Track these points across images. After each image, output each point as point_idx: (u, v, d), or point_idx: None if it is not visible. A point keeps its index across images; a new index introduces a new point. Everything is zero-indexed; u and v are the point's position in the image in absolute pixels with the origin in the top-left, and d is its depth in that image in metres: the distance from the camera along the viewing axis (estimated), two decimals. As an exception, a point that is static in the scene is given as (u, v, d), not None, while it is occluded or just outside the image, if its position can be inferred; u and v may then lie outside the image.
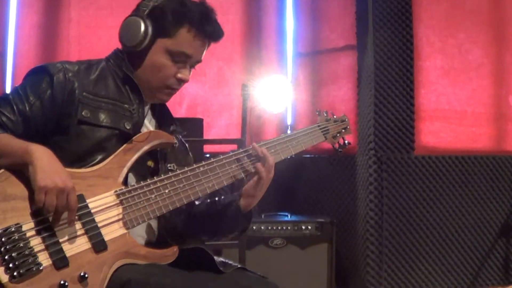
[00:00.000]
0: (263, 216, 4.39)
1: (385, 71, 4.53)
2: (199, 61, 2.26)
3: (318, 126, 2.59)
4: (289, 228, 4.25)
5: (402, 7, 4.57)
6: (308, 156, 5.04)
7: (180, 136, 2.42)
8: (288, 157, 2.39)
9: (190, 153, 2.44)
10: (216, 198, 2.36)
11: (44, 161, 1.85)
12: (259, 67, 4.84)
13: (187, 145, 2.45)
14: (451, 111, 4.81)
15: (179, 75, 2.19)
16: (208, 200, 2.37)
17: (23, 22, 4.45)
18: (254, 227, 4.20)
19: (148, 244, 2.16)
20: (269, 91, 4.25)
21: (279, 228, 4.24)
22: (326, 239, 4.29)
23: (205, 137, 4.45)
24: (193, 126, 4.29)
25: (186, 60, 2.19)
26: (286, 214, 4.49)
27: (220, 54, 4.86)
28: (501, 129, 4.99)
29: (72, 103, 2.05)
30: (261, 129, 4.87)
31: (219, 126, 4.80)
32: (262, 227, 4.23)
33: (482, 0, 4.95)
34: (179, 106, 4.74)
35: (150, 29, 2.12)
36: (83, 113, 2.05)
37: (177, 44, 2.14)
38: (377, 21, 4.54)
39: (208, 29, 2.18)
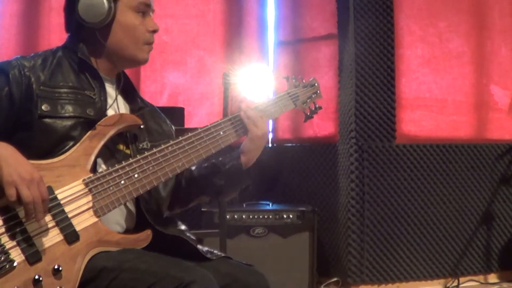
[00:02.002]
0: (244, 205, 4.38)
1: (366, 59, 4.54)
2: (153, 9, 2.26)
3: (287, 93, 2.53)
4: (270, 217, 4.24)
5: (382, -4, 4.58)
6: (289, 145, 5.05)
7: (157, 109, 2.42)
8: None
9: (169, 124, 2.43)
10: (214, 160, 2.35)
11: (7, 156, 1.82)
12: (240, 56, 4.83)
13: (164, 117, 2.43)
14: (432, 100, 4.83)
15: (151, 28, 2.20)
16: (206, 164, 2.36)
17: (4, 11, 4.41)
18: (236, 216, 4.19)
19: (126, 231, 2.14)
20: (250, 80, 4.24)
21: (261, 217, 4.23)
22: (307, 227, 4.29)
23: (186, 126, 4.43)
24: (174, 115, 4.26)
25: (147, 9, 2.21)
26: (268, 203, 4.48)
27: (201, 43, 4.84)
28: (481, 117, 5.01)
29: (30, 99, 2.02)
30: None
31: (200, 115, 4.78)
32: (244, 216, 4.21)
33: (462, -12, 4.97)
34: (160, 95, 4.72)
35: None
36: (43, 108, 2.01)
37: None
38: (358, 9, 4.54)
39: None
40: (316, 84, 2.64)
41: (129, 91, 2.32)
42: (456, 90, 4.91)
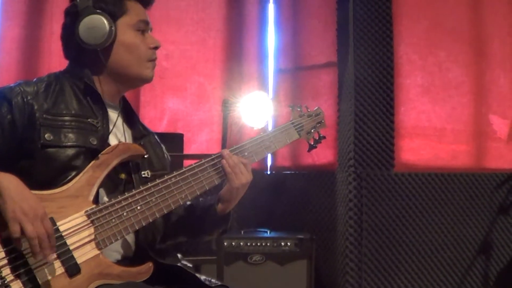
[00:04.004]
0: (242, 232, 4.38)
1: (365, 88, 4.54)
2: (151, 27, 2.28)
3: (292, 123, 2.52)
4: (268, 244, 4.24)
5: (383, 25, 4.59)
6: (288, 172, 5.05)
7: (156, 137, 2.41)
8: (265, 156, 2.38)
9: (166, 154, 2.42)
10: (194, 201, 2.33)
11: (11, 190, 1.81)
12: (240, 83, 4.84)
13: (162, 146, 2.42)
14: (431, 129, 4.83)
15: (152, 45, 2.21)
16: (187, 203, 2.33)
17: (5, 35, 4.43)
18: (233, 243, 4.19)
19: (125, 259, 2.12)
20: (249, 107, 4.24)
21: (258, 244, 4.23)
22: (305, 255, 4.28)
23: (185, 152, 4.44)
24: (173, 141, 4.28)
25: (146, 27, 2.23)
26: (266, 230, 4.48)
27: (201, 69, 4.86)
28: (480, 146, 5.01)
29: (33, 127, 2.00)
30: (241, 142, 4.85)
31: (199, 142, 4.79)
32: (241, 243, 4.21)
33: (462, 18, 4.98)
34: (160, 121, 4.73)
35: (109, 18, 2.12)
36: (45, 137, 1.99)
37: (133, 16, 2.19)
38: (358, 38, 4.56)
39: None
40: (320, 114, 2.64)
41: (130, 117, 2.31)
42: (455, 119, 4.91)
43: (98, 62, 2.15)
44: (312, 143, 2.63)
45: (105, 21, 2.10)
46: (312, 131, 2.60)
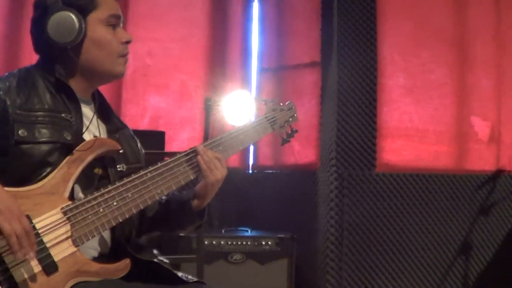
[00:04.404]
0: (223, 231, 4.37)
1: (349, 88, 4.55)
2: (123, 20, 2.25)
3: (265, 117, 2.51)
4: (249, 243, 4.24)
5: (367, 26, 4.60)
6: (270, 171, 5.05)
7: (130, 130, 2.39)
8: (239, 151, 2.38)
9: (140, 147, 2.39)
10: (169, 198, 2.33)
11: None
12: (222, 81, 4.83)
13: (137, 139, 2.40)
14: (413, 129, 4.84)
15: (123, 39, 2.17)
16: (163, 198, 2.32)
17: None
18: (214, 242, 4.18)
19: (101, 255, 2.11)
20: (232, 106, 4.24)
21: (239, 243, 4.23)
22: (286, 254, 4.29)
23: (167, 150, 4.42)
24: (155, 139, 4.27)
25: (118, 22, 2.18)
26: (247, 229, 4.47)
27: (183, 67, 4.84)
28: (462, 148, 5.03)
29: (6, 123, 1.97)
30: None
31: (181, 140, 4.77)
32: (222, 242, 4.20)
33: (446, 20, 4.99)
34: (141, 118, 4.71)
35: (78, 14, 2.07)
36: (19, 133, 1.96)
37: (104, 11, 2.13)
38: (342, 38, 4.57)
39: None
40: (293, 108, 2.64)
41: (105, 111, 2.28)
42: (437, 120, 4.92)
43: (68, 59, 2.11)
44: (285, 137, 2.63)
45: (74, 18, 2.05)
46: (285, 125, 2.60)
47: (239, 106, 4.30)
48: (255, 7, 5.14)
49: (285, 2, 5.10)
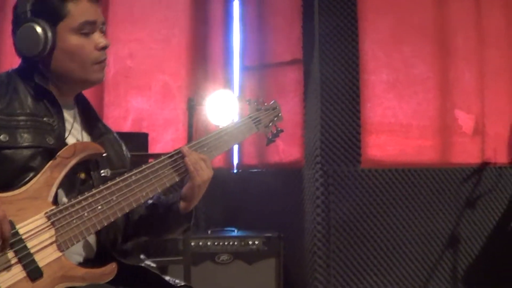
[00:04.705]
0: (209, 231, 4.36)
1: (331, 84, 4.55)
2: (104, 22, 2.17)
3: (250, 117, 2.50)
4: (236, 243, 4.23)
5: (348, 22, 4.61)
6: (255, 170, 5.04)
7: (115, 134, 2.35)
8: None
9: (125, 151, 2.36)
10: (156, 201, 2.29)
11: None
12: (205, 81, 4.82)
13: (122, 143, 2.36)
14: (397, 124, 4.85)
15: (98, 45, 2.10)
16: (149, 202, 2.29)
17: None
18: (201, 243, 4.16)
19: (87, 261, 2.09)
20: (215, 105, 4.22)
21: (226, 243, 4.21)
22: (273, 254, 4.28)
23: (150, 151, 4.40)
24: (138, 140, 4.24)
25: (93, 28, 2.10)
26: (233, 229, 4.46)
27: (166, 68, 4.82)
28: (446, 142, 5.04)
29: None
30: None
31: (165, 141, 4.76)
32: (209, 243, 4.19)
33: (427, 15, 5.00)
34: (124, 120, 4.69)
35: (45, 25, 2.02)
36: (1, 138, 1.93)
37: (75, 18, 2.06)
38: (323, 35, 4.57)
39: None
40: (277, 107, 2.64)
41: (88, 115, 2.26)
42: (420, 115, 4.93)
43: (43, 68, 2.08)
44: (270, 137, 2.62)
45: (39, 30, 2.01)
46: (270, 124, 2.59)
47: (222, 106, 4.30)
48: (236, 6, 5.13)
49: (265, 0, 5.09)
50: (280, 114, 2.64)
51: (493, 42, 5.17)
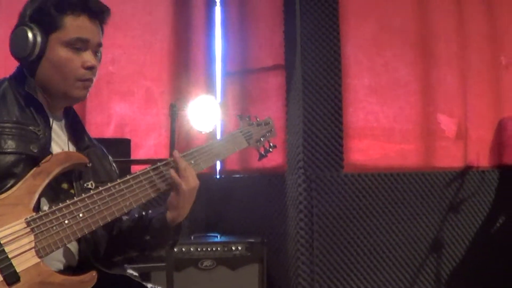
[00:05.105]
0: (192, 237, 4.35)
1: (313, 89, 4.55)
2: (99, 44, 2.19)
3: (240, 131, 2.53)
4: (219, 249, 4.22)
5: (329, 26, 4.61)
6: (238, 176, 5.03)
7: (103, 148, 2.36)
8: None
9: (113, 166, 2.37)
10: (144, 213, 2.28)
11: None
12: (187, 86, 4.81)
13: (110, 157, 2.37)
14: (380, 129, 4.86)
15: (85, 64, 2.11)
16: (136, 215, 2.28)
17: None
18: (183, 249, 4.15)
19: (68, 268, 2.08)
20: (197, 111, 4.21)
21: (209, 249, 4.20)
22: (256, 259, 4.27)
23: (133, 157, 4.39)
24: (120, 146, 4.23)
25: (85, 46, 2.12)
26: (216, 235, 4.45)
27: (148, 73, 4.81)
28: (429, 145, 5.05)
29: None
30: (189, 149, 4.82)
31: (147, 147, 4.74)
32: (192, 249, 4.18)
33: (408, 19, 5.02)
34: (107, 126, 4.67)
35: (37, 31, 2.05)
36: None
37: (69, 33, 2.09)
38: (305, 40, 4.57)
39: (91, 7, 2.15)
40: (270, 123, 2.67)
41: (76, 128, 2.27)
42: (403, 118, 4.94)
43: (35, 71, 2.11)
44: (263, 152, 2.63)
45: (30, 35, 2.05)
46: (262, 139, 2.62)
47: (205, 111, 4.29)
48: (218, 11, 5.13)
49: (247, 5, 5.10)
50: (273, 129, 2.68)
51: (475, 46, 5.20)
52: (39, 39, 2.06)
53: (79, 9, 2.11)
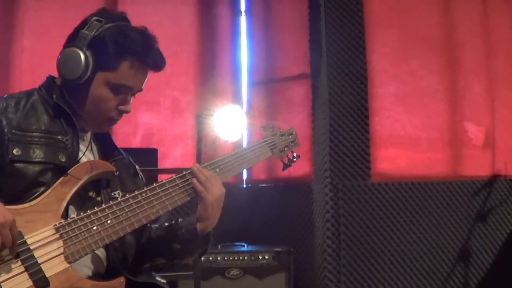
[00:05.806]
0: (219, 246, 4.34)
1: (339, 98, 4.54)
2: (140, 90, 2.22)
3: (264, 141, 2.55)
4: (246, 258, 4.21)
5: (355, 35, 4.60)
6: (265, 185, 5.03)
7: (130, 159, 2.38)
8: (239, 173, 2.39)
9: (140, 175, 2.39)
10: (173, 221, 2.30)
11: None
12: (213, 96, 4.83)
13: (137, 166, 2.40)
14: (406, 137, 4.83)
15: (120, 107, 2.15)
16: (166, 224, 2.31)
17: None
18: (210, 258, 4.15)
19: (96, 275, 2.10)
20: (224, 121, 4.22)
21: (236, 258, 4.20)
22: (283, 268, 4.25)
23: (160, 167, 4.41)
24: (147, 156, 4.25)
25: (127, 91, 2.15)
26: (243, 244, 4.44)
27: (175, 84, 4.84)
28: (456, 154, 5.01)
29: (2, 142, 1.99)
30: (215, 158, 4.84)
31: (174, 156, 4.76)
32: (219, 258, 4.17)
33: (433, 27, 5.00)
34: (134, 136, 4.70)
35: (91, 62, 2.06)
36: (14, 152, 1.98)
37: (119, 78, 2.10)
38: (330, 49, 4.56)
39: (150, 60, 2.17)
40: (293, 133, 2.69)
41: (103, 138, 2.30)
42: (430, 127, 4.91)
43: (73, 93, 2.13)
44: (287, 162, 2.65)
45: (83, 62, 2.05)
46: (286, 149, 2.63)
47: (231, 121, 4.29)
48: (243, 21, 5.15)
49: (272, 15, 5.11)
50: (296, 140, 2.68)
51: (502, 53, 5.16)
52: (89, 71, 2.07)
53: (138, 59, 2.13)
